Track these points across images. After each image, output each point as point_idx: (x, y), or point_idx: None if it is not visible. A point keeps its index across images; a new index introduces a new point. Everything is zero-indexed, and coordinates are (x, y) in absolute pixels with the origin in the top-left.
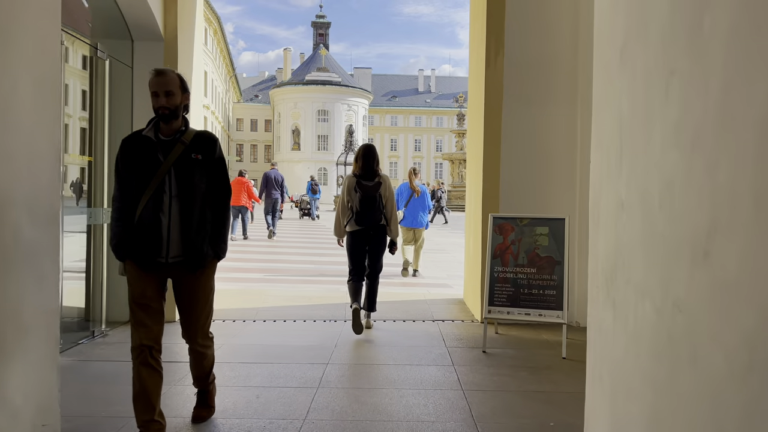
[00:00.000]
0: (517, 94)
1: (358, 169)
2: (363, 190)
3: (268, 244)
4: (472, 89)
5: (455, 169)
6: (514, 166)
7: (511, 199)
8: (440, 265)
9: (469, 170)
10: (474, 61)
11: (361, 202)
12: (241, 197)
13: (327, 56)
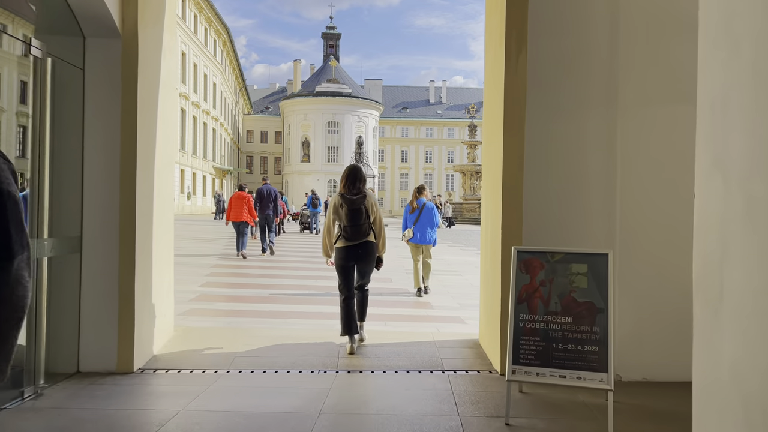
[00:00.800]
0: (544, 100)
1: (342, 188)
2: (348, 203)
3: (264, 264)
4: (489, 96)
5: (467, 181)
6: (540, 187)
7: (536, 227)
8: (451, 290)
9: (486, 191)
10: (490, 63)
11: (348, 216)
12: (243, 212)
13: (337, 67)
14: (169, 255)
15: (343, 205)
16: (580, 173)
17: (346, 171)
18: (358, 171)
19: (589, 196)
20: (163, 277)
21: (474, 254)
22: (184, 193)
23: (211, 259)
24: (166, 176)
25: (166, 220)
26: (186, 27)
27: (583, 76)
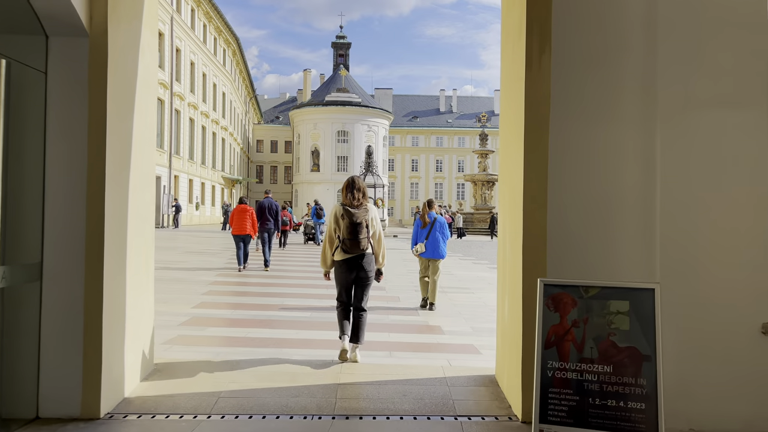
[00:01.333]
0: (570, 105)
1: (344, 199)
2: (350, 216)
3: (265, 280)
4: (506, 101)
5: (478, 190)
6: (567, 205)
7: (562, 253)
8: (463, 311)
9: (503, 209)
10: (508, 64)
11: (348, 229)
12: (246, 225)
13: (347, 77)
14: (148, 281)
15: (344, 216)
16: (614, 190)
17: (345, 182)
18: (357, 182)
19: (623, 217)
20: (140, 306)
21: (487, 269)
22: (193, 204)
23: (211, 274)
24: (144, 191)
25: (143, 242)
26: (195, 36)
27: (615, 77)
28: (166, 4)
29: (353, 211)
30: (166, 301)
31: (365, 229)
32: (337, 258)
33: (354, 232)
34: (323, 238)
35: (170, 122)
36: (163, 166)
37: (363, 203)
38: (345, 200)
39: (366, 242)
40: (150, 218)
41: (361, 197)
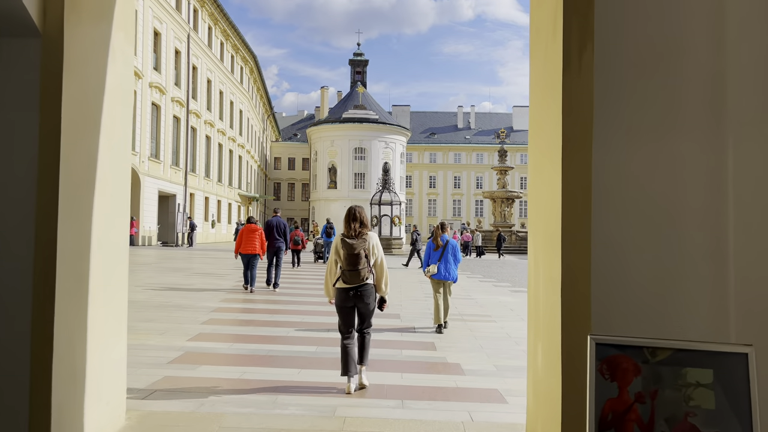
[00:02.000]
0: (618, 114)
1: (344, 229)
2: (347, 248)
3: (272, 305)
4: (537, 113)
5: (497, 207)
6: (616, 241)
7: (612, 299)
8: (484, 344)
9: (534, 242)
10: (538, 68)
11: (346, 260)
12: (255, 245)
13: (364, 94)
14: (119, 322)
15: (343, 247)
16: (674, 218)
17: (345, 213)
18: (355, 213)
19: (687, 252)
20: (108, 351)
21: (508, 292)
22: (209, 221)
23: (215, 298)
24: (115, 217)
25: (113, 278)
26: (212, 54)
27: (674, 80)
28: (183, 22)
29: (351, 242)
30: (162, 332)
31: (364, 259)
32: (339, 287)
33: (352, 262)
34: (327, 264)
35: (186, 140)
36: (178, 184)
37: (362, 233)
38: (345, 231)
39: (366, 272)
40: (122, 250)
41: (358, 227)
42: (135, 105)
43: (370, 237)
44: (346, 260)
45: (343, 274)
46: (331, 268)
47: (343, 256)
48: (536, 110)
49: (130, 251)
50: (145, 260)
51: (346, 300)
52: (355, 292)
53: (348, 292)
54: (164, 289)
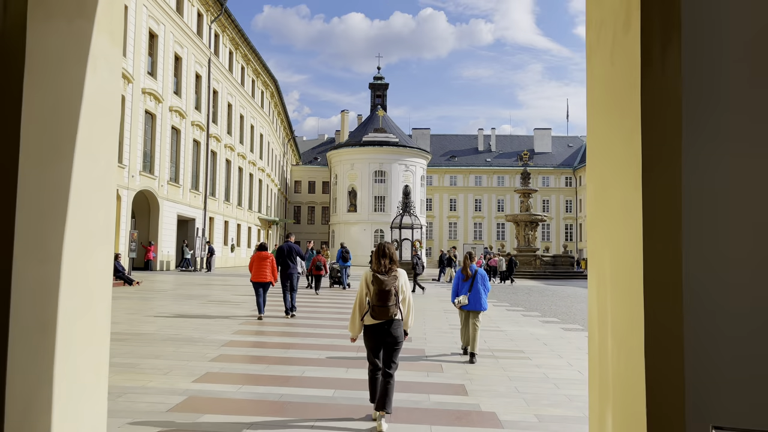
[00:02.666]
0: (715, 121)
1: (374, 265)
2: (378, 283)
3: (286, 337)
4: (599, 121)
5: (521, 231)
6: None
7: (716, 373)
8: (521, 387)
9: (598, 284)
10: (600, 67)
11: (377, 296)
12: (266, 272)
13: (384, 117)
14: (98, 375)
15: (373, 282)
16: None
17: (376, 248)
18: (385, 249)
19: None
20: (82, 414)
21: (538, 323)
22: (228, 246)
23: (228, 329)
24: (97, 247)
25: (90, 320)
26: (233, 79)
27: None
28: (204, 46)
29: (382, 278)
30: (166, 372)
31: (394, 296)
32: (366, 323)
33: (383, 298)
34: (356, 298)
35: (206, 164)
36: (197, 208)
37: (392, 269)
38: (375, 266)
39: (395, 308)
40: (103, 285)
41: (388, 263)
42: (154, 129)
43: (400, 274)
44: (376, 296)
45: (372, 309)
46: (361, 302)
47: (373, 292)
48: (599, 119)
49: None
50: (161, 286)
51: (375, 335)
52: (383, 328)
53: (377, 328)
54: (176, 319)
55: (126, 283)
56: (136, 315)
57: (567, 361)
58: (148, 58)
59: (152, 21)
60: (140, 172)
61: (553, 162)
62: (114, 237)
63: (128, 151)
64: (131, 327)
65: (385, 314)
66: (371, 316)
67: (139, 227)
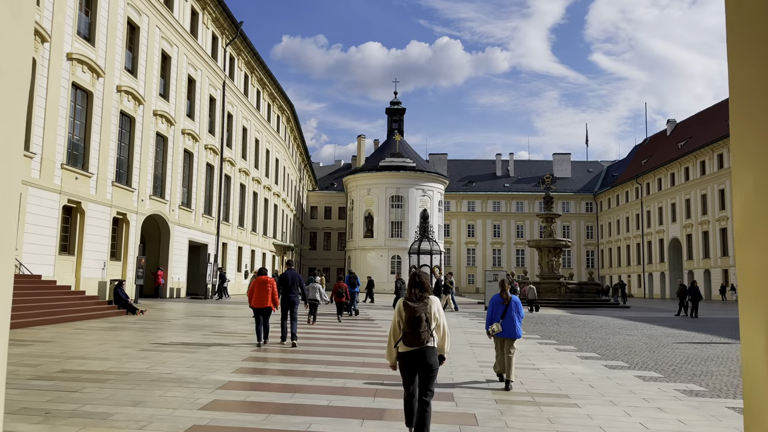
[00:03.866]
0: None
1: (408, 293)
2: (409, 310)
3: (291, 376)
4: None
5: (544, 257)
6: None
7: None
8: None
9: (764, 316)
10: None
11: (408, 323)
12: (267, 298)
13: (401, 142)
14: None
15: (405, 310)
16: None
17: (409, 279)
18: (416, 278)
19: None
20: None
21: (577, 359)
22: (242, 272)
23: (228, 367)
24: None
25: None
26: (248, 102)
27: None
28: (219, 69)
29: (413, 305)
30: (141, 427)
31: (425, 323)
32: (401, 350)
33: (414, 325)
34: (391, 326)
35: (220, 188)
36: (210, 233)
37: (423, 297)
38: (407, 294)
39: (426, 335)
40: None
41: (418, 292)
42: (166, 151)
43: (432, 301)
44: (407, 323)
45: (405, 336)
46: (395, 330)
47: (404, 319)
48: (742, 98)
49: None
50: (167, 315)
51: (409, 362)
52: (417, 355)
53: (409, 356)
54: (173, 353)
55: (129, 311)
56: (129, 349)
57: (622, 409)
58: (161, 79)
59: (165, 42)
60: (150, 195)
61: (573, 187)
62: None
63: (138, 174)
64: (119, 364)
65: (417, 341)
66: (404, 343)
67: (148, 253)
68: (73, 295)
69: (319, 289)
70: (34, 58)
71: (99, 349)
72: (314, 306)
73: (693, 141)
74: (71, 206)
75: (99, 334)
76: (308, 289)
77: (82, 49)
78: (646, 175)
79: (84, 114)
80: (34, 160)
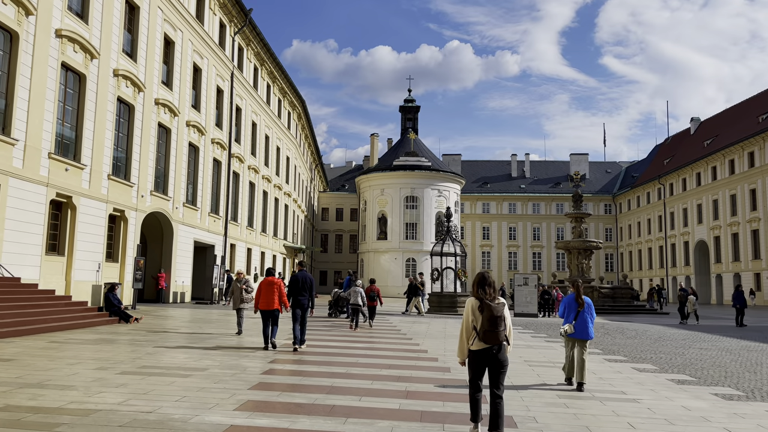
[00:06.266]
0: None
1: (477, 293)
2: (491, 310)
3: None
4: None
5: (573, 259)
6: None
7: None
8: None
9: None
10: None
11: (489, 321)
12: (275, 299)
13: (416, 140)
14: None
15: (483, 309)
16: None
17: (477, 277)
18: (490, 279)
19: None
20: None
21: (671, 384)
22: (251, 275)
23: (230, 400)
24: None
25: None
26: (257, 96)
27: None
28: (226, 59)
29: (493, 305)
30: None
31: (504, 321)
32: (475, 348)
33: (495, 324)
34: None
35: (227, 185)
36: (217, 234)
37: (496, 297)
38: (478, 294)
39: (503, 334)
40: None
41: (492, 292)
42: (169, 144)
43: (504, 302)
44: (488, 321)
45: (484, 334)
46: (469, 329)
47: (484, 318)
48: None
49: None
50: (165, 324)
51: (483, 359)
52: (491, 352)
53: (486, 352)
54: (159, 378)
55: (122, 319)
56: (105, 372)
57: None
58: (163, 66)
59: (168, 26)
60: (152, 191)
61: (591, 189)
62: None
63: (137, 167)
64: (84, 396)
65: (496, 339)
66: (481, 340)
67: (149, 254)
68: (56, 301)
69: (361, 294)
70: (16, 32)
71: (66, 372)
72: (356, 311)
73: (720, 139)
74: (61, 201)
75: (76, 349)
76: (350, 294)
77: (74, 26)
78: (669, 175)
79: (76, 99)
80: (17, 148)
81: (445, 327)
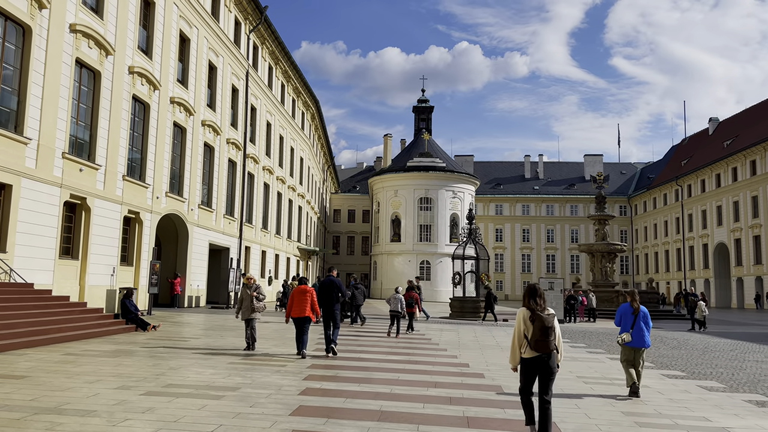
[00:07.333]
0: None
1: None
2: (542, 320)
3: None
4: None
5: (596, 263)
6: None
7: None
8: None
9: None
10: None
11: (541, 331)
12: (307, 307)
13: (430, 141)
14: None
15: (534, 320)
16: None
17: (527, 289)
18: (540, 290)
19: None
20: None
21: (756, 408)
22: (265, 278)
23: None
24: None
25: None
26: (272, 96)
27: None
28: (242, 57)
29: (544, 316)
30: None
31: (554, 331)
32: (527, 356)
33: (546, 334)
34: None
35: (243, 187)
36: (232, 236)
37: (546, 308)
38: (529, 305)
39: (554, 343)
40: None
41: (543, 303)
42: (184, 144)
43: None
44: (540, 331)
45: (536, 343)
46: (521, 338)
47: (536, 328)
48: None
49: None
50: (184, 332)
51: (534, 366)
52: (542, 360)
53: (537, 360)
54: (188, 401)
55: (139, 327)
56: (128, 393)
57: None
58: (179, 63)
59: (184, 22)
60: (167, 193)
61: (606, 190)
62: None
63: (152, 168)
64: (108, 426)
65: (547, 347)
66: (532, 349)
67: (164, 257)
68: (71, 308)
69: (401, 301)
70: (29, 26)
71: (85, 393)
72: (396, 318)
73: (740, 140)
74: (75, 202)
75: (94, 363)
76: (390, 300)
77: (88, 20)
78: (687, 177)
79: (90, 97)
80: (29, 147)
81: (476, 335)
